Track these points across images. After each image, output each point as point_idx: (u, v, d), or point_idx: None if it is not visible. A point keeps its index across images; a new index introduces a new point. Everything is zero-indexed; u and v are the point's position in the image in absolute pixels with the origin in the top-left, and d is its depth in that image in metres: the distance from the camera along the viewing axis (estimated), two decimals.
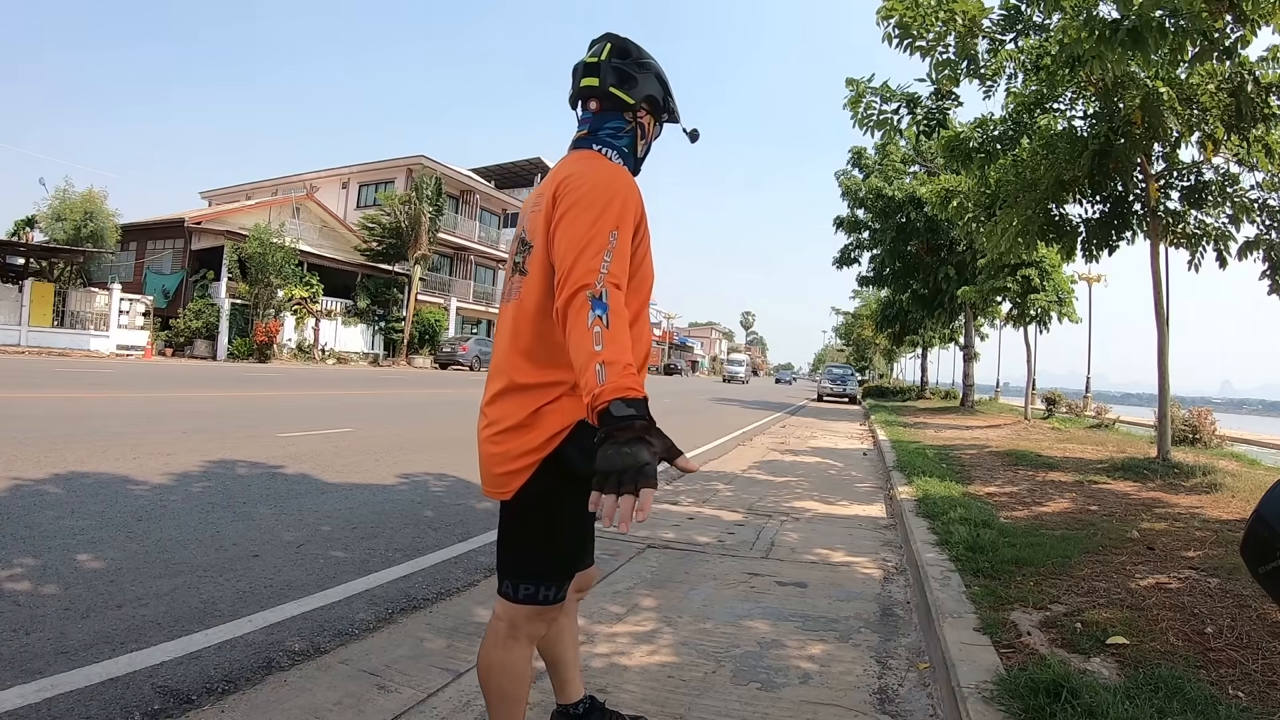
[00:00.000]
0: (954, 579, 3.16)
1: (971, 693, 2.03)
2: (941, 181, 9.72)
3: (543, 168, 43.50)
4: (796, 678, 2.40)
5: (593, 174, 1.40)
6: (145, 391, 10.43)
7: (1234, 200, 6.99)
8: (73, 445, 5.32)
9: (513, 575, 1.48)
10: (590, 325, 1.17)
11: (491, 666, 1.50)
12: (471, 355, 28.61)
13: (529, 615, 1.48)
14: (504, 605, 1.49)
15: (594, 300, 1.20)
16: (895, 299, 22.99)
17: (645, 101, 1.54)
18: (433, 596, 2.97)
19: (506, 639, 1.49)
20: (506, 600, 1.48)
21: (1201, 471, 6.25)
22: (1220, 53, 5.38)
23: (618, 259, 1.28)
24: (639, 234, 1.42)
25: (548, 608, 1.48)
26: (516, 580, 1.47)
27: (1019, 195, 7.47)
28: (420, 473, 5.56)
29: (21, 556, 2.92)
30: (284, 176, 35.28)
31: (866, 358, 53.89)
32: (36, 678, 1.98)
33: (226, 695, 2.03)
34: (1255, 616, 2.59)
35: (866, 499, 6.06)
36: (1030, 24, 6.14)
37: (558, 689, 1.79)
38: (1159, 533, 4.10)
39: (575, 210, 1.33)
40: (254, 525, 3.72)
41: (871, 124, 6.82)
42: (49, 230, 21.87)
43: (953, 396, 25.80)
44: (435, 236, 29.36)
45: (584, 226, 1.30)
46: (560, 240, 1.32)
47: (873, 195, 19.51)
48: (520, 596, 1.46)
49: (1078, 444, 9.63)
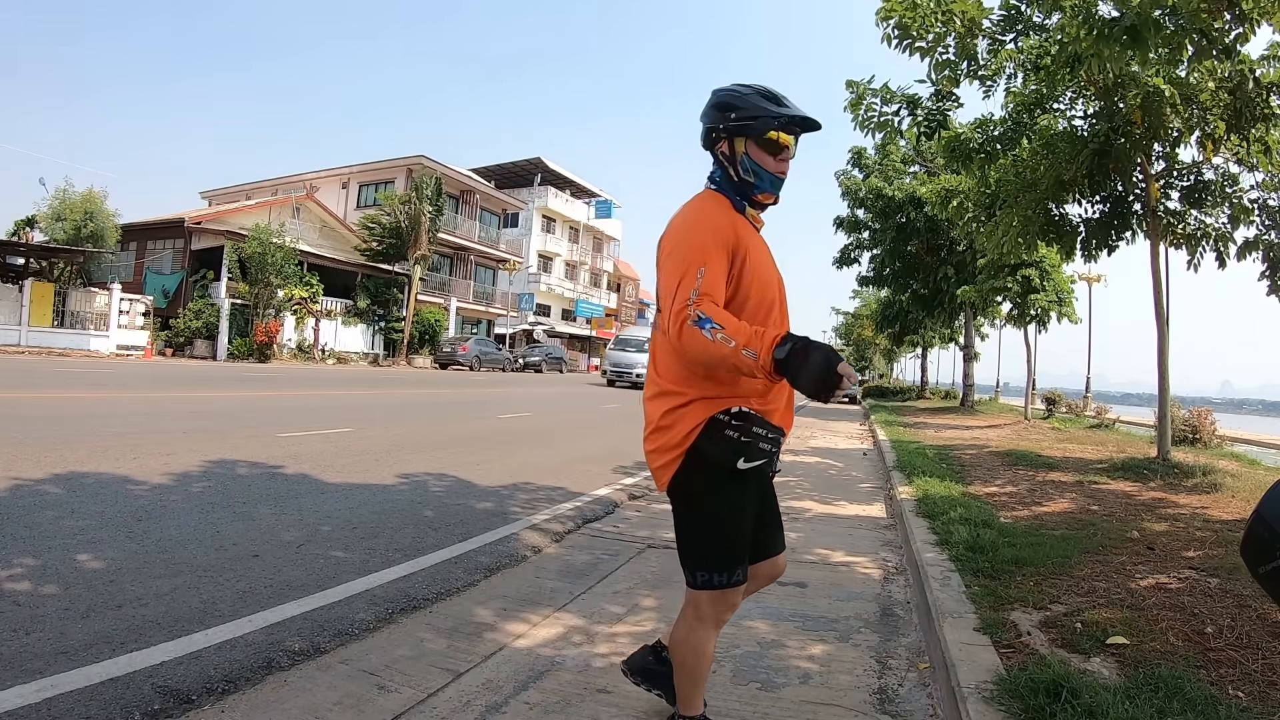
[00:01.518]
0: (954, 579, 3.16)
1: (971, 693, 2.03)
2: (941, 181, 9.73)
3: (543, 167, 43.56)
4: (796, 677, 2.40)
5: (678, 218, 1.66)
6: (145, 391, 10.43)
7: (1232, 201, 6.99)
8: (73, 445, 5.32)
9: (688, 563, 1.68)
10: (711, 338, 1.42)
11: (679, 643, 1.72)
12: (471, 355, 28.61)
13: (710, 600, 1.66)
14: (689, 591, 1.69)
15: (698, 322, 1.44)
16: (895, 299, 22.98)
17: (713, 133, 1.68)
18: (433, 596, 2.97)
19: (694, 621, 1.69)
20: (689, 587, 1.69)
21: (1201, 471, 6.25)
22: (1219, 51, 5.38)
23: (708, 280, 1.49)
24: (737, 254, 1.59)
25: (725, 592, 1.65)
26: (693, 568, 1.67)
27: (1019, 195, 7.47)
28: (420, 473, 5.55)
29: (21, 556, 2.92)
30: (284, 176, 35.31)
31: (866, 358, 53.87)
32: (36, 678, 1.98)
33: (226, 695, 2.03)
34: (1255, 616, 2.59)
35: (866, 499, 6.05)
36: (1030, 24, 6.14)
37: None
38: (1159, 533, 4.10)
39: (665, 256, 1.59)
40: (254, 525, 3.72)
41: (872, 126, 6.82)
42: (49, 230, 21.88)
43: (953, 396, 25.81)
44: (435, 236, 29.37)
45: (672, 269, 1.54)
46: (660, 283, 1.59)
47: (873, 195, 19.49)
48: (698, 583, 1.66)
49: (1078, 444, 9.63)
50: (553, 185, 44.95)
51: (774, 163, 1.66)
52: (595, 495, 5.34)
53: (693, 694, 1.76)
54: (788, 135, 1.65)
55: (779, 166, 1.67)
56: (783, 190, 1.72)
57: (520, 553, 3.73)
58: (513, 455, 7.01)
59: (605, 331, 49.49)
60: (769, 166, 1.66)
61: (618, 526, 4.56)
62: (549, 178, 44.59)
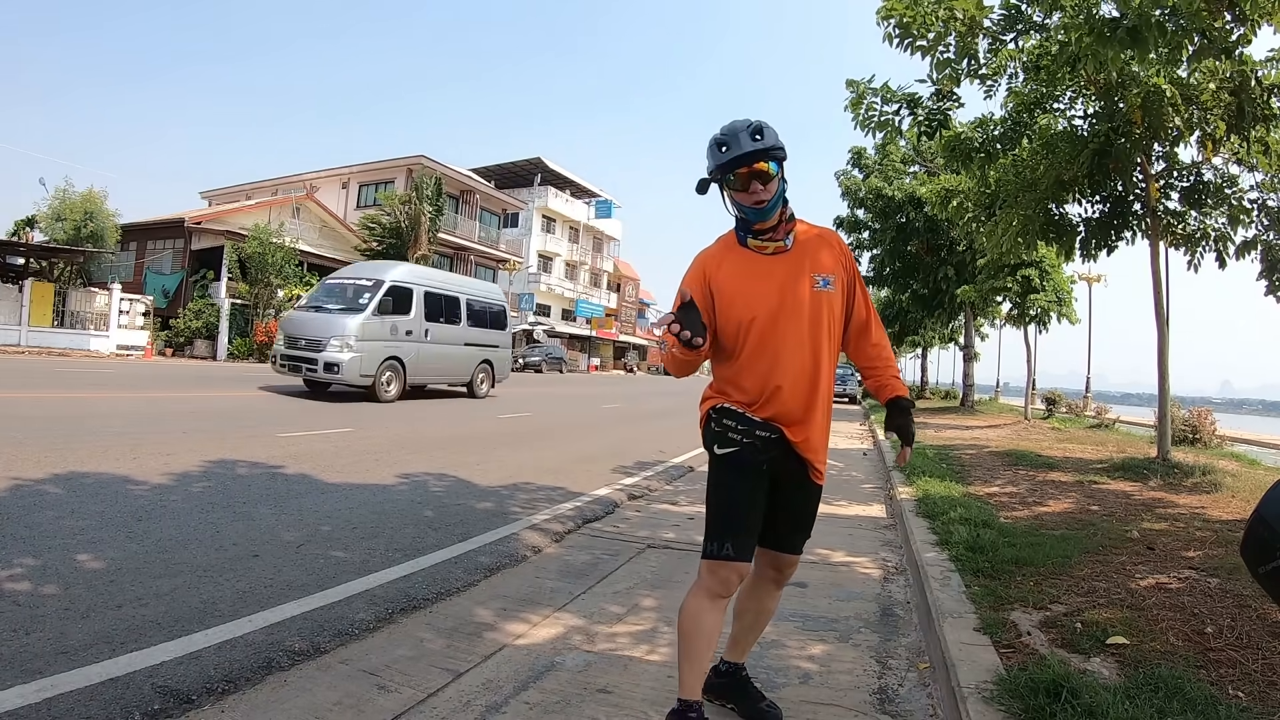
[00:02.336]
0: (954, 579, 3.16)
1: (971, 693, 2.03)
2: (941, 181, 9.73)
3: (543, 167, 43.57)
4: (796, 677, 2.40)
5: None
6: (145, 391, 10.42)
7: (1232, 201, 6.99)
8: (73, 445, 5.31)
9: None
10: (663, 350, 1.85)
11: (681, 608, 1.87)
12: None
13: (705, 569, 1.84)
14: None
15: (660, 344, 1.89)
16: (895, 299, 22.98)
17: (711, 183, 1.89)
18: (433, 596, 2.97)
19: (695, 587, 1.86)
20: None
21: (1201, 471, 6.25)
22: (1220, 52, 5.37)
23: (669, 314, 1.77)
24: (710, 286, 1.89)
25: (715, 563, 1.82)
26: (704, 538, 1.88)
27: (1019, 195, 7.47)
28: (420, 473, 5.55)
29: (21, 556, 2.92)
30: (284, 176, 35.28)
31: None
32: (36, 678, 1.98)
33: (226, 695, 2.03)
34: (1255, 616, 2.59)
35: (866, 499, 6.06)
36: (1030, 23, 6.13)
37: (726, 645, 2.17)
38: (1159, 533, 4.09)
39: None
40: (254, 525, 3.72)
41: (873, 125, 6.81)
42: (49, 230, 21.87)
43: (953, 396, 25.82)
44: (435, 236, 29.34)
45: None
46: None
47: (873, 195, 19.50)
48: (703, 552, 1.86)
49: (1078, 444, 9.63)
50: (553, 185, 44.95)
51: (746, 197, 1.82)
52: (595, 495, 5.34)
53: (687, 672, 1.82)
54: (743, 172, 1.80)
55: (752, 199, 1.82)
56: (787, 194, 1.88)
57: (520, 553, 3.73)
58: (513, 455, 7.01)
59: (605, 331, 49.48)
60: (745, 201, 1.83)
61: (618, 526, 4.56)
62: (549, 178, 44.59)
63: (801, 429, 1.88)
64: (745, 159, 1.78)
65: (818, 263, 1.89)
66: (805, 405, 1.87)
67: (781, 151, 1.82)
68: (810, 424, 1.88)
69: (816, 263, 1.89)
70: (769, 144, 1.78)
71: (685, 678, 1.82)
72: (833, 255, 1.93)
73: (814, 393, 1.87)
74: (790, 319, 1.85)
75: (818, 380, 1.87)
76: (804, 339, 1.85)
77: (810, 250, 1.90)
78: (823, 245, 1.92)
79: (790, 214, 1.90)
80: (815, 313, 1.86)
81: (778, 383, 1.84)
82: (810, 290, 1.87)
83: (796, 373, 1.86)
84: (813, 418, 1.88)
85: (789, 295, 1.86)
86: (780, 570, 2.04)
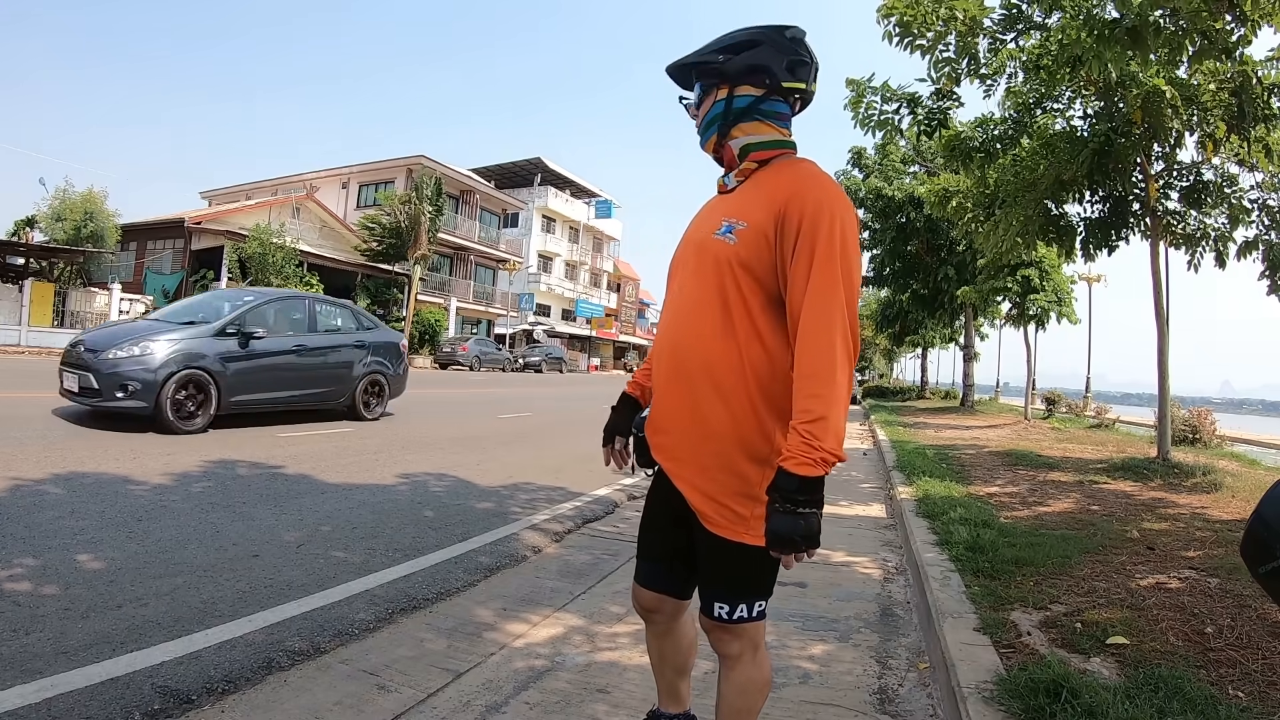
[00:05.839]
0: (954, 579, 3.16)
1: (971, 693, 2.03)
2: (940, 181, 9.72)
3: (543, 167, 43.57)
4: (796, 677, 2.40)
5: None
6: None
7: (1232, 201, 7.00)
8: (73, 445, 5.32)
9: None
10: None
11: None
12: (471, 355, 28.58)
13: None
14: None
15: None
16: (895, 299, 22.98)
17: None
18: (433, 596, 2.97)
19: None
20: None
21: (1201, 471, 6.25)
22: (1220, 52, 5.37)
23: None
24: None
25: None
26: None
27: (1019, 195, 7.47)
28: (420, 473, 5.55)
29: (21, 556, 2.92)
30: (284, 176, 35.29)
31: (866, 358, 53.89)
32: (36, 678, 1.98)
33: (226, 695, 2.03)
34: (1255, 616, 2.59)
35: (867, 499, 6.06)
36: (1030, 23, 6.13)
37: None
38: (1159, 533, 4.09)
39: None
40: (254, 525, 3.72)
41: (872, 124, 6.81)
42: (49, 230, 21.88)
43: (953, 396, 25.80)
44: (435, 236, 29.35)
45: None
46: None
47: (872, 195, 19.49)
48: None
49: (1078, 444, 9.63)
50: (553, 185, 44.95)
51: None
52: (595, 495, 5.34)
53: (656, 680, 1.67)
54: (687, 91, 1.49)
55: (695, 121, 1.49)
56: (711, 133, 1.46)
57: (520, 553, 3.73)
58: (513, 455, 7.02)
59: (605, 332, 49.46)
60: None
61: (617, 526, 4.56)
62: (549, 178, 44.59)
63: (658, 432, 1.40)
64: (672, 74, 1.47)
65: (745, 205, 1.36)
66: (662, 395, 1.41)
67: (716, 64, 1.38)
68: (669, 429, 1.38)
69: (744, 205, 1.36)
70: (698, 56, 1.42)
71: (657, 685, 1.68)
72: (773, 197, 1.31)
73: (676, 381, 1.36)
74: (681, 279, 1.43)
75: (683, 364, 1.35)
76: (682, 304, 1.39)
77: (760, 192, 1.36)
78: (776, 187, 1.33)
79: (747, 147, 1.40)
80: (701, 270, 1.36)
81: (654, 364, 1.48)
82: (710, 238, 1.37)
83: (660, 349, 1.42)
84: (671, 417, 1.37)
85: (690, 248, 1.43)
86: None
